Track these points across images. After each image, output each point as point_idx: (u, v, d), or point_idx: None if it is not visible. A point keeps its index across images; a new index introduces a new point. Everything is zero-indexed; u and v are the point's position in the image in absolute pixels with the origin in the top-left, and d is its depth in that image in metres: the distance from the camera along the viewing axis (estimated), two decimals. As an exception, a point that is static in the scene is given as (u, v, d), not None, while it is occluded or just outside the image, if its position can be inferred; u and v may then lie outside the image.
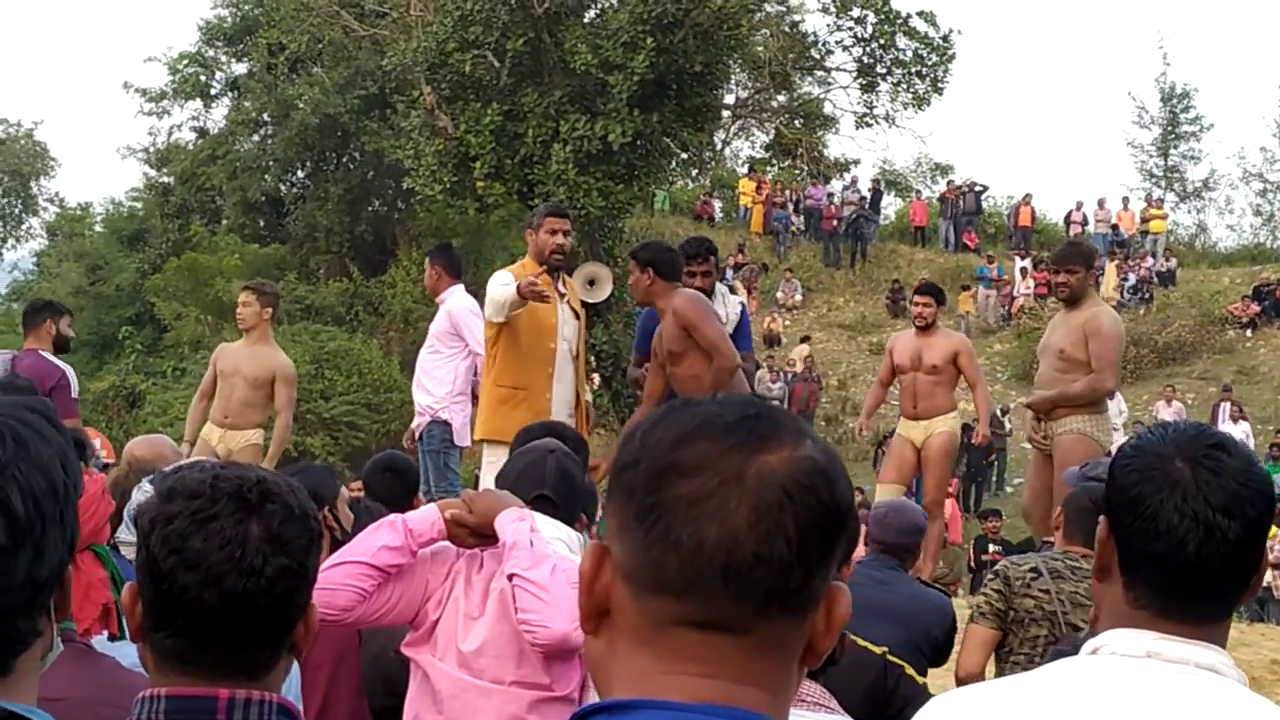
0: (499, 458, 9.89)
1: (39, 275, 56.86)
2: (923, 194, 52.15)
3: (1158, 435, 2.55)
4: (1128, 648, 2.44)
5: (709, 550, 1.65)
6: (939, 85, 34.03)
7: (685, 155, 36.22)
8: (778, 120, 40.24)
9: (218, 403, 12.84)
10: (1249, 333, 39.23)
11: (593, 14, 33.13)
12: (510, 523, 4.57)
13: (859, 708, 5.26)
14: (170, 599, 2.48)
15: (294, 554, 2.54)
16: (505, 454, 9.48)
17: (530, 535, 4.54)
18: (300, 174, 45.20)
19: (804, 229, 47.37)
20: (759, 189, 47.68)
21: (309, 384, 33.98)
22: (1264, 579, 2.55)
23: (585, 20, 32.66)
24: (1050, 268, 12.64)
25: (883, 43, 33.82)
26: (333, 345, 35.70)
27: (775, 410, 1.77)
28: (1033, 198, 47.11)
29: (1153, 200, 49.34)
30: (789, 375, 35.44)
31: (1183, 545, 2.42)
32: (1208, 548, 2.41)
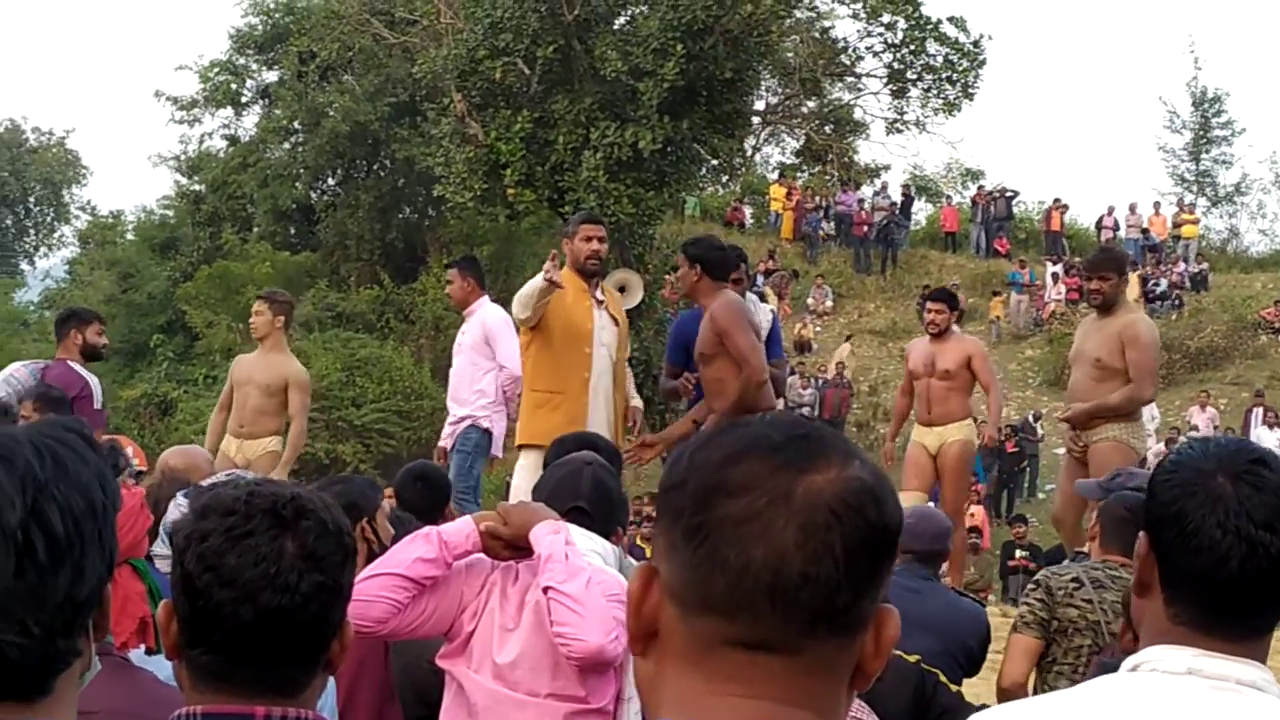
0: (533, 462, 9.97)
1: (71, 283, 57.02)
2: (953, 199, 52.08)
3: (1198, 450, 2.53)
4: (1169, 664, 2.43)
5: (755, 570, 1.65)
6: (970, 91, 33.96)
7: (715, 161, 36.14)
8: (808, 126, 40.22)
9: (234, 413, 12.89)
10: (1282, 337, 39.05)
11: (623, 21, 33.08)
12: (545, 535, 4.56)
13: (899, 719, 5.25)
14: (205, 616, 2.48)
15: (329, 570, 2.54)
16: (539, 458, 9.62)
17: (565, 548, 4.52)
18: (331, 181, 45.26)
19: (835, 235, 47.33)
20: (789, 195, 47.65)
21: (340, 391, 34.07)
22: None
23: (615, 27, 32.64)
24: (1083, 274, 12.60)
25: (913, 48, 33.76)
26: (364, 352, 35.75)
27: (823, 431, 1.76)
28: (1062, 202, 47.05)
29: (1184, 205, 49.15)
30: (820, 381, 35.38)
31: (1225, 561, 2.40)
32: (1250, 563, 2.39)
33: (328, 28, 38.57)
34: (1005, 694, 6.56)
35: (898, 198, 47.35)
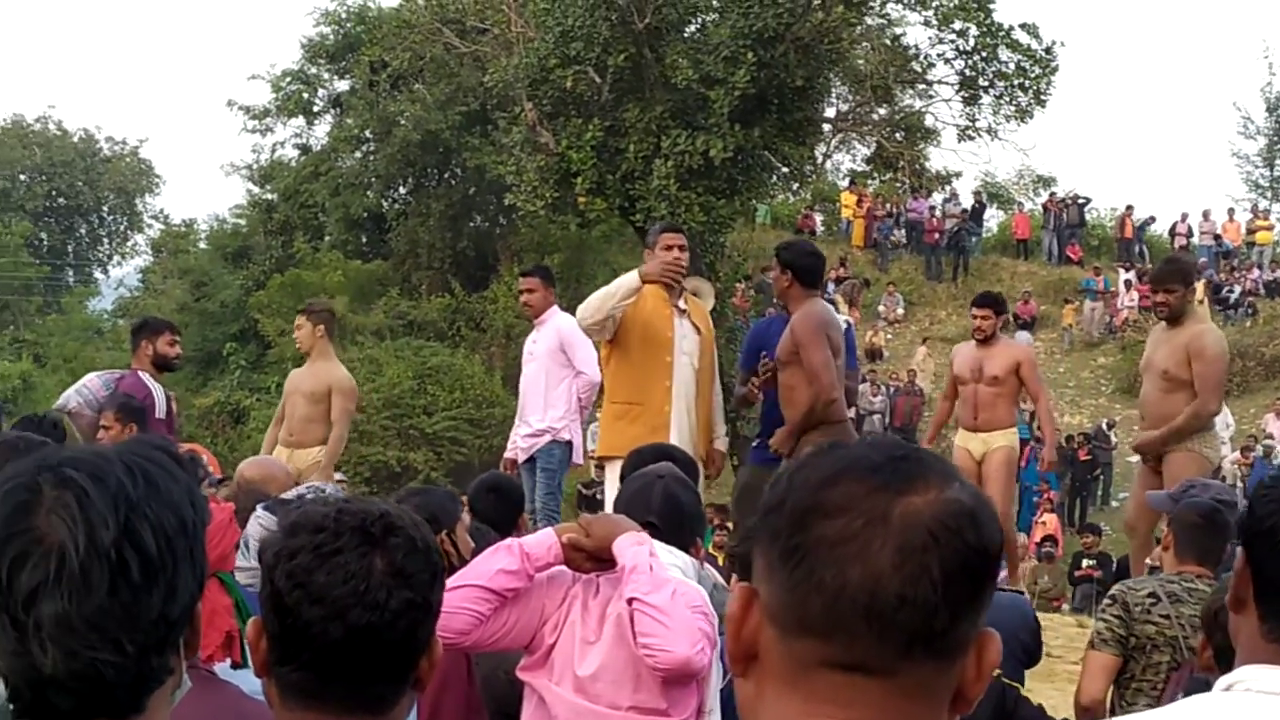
0: (617, 474, 9.94)
1: (144, 291, 57.53)
2: (1025, 206, 51.84)
3: (1299, 466, 2.49)
4: (1264, 684, 2.38)
5: (852, 591, 1.64)
6: (1042, 98, 33.70)
7: (786, 169, 35.95)
8: (879, 133, 40.00)
9: (285, 424, 13.11)
10: (1358, 344, 38.68)
11: (694, 29, 33.00)
12: (629, 546, 4.54)
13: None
14: (295, 633, 2.48)
15: (417, 587, 2.54)
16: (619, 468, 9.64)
17: (650, 559, 4.51)
18: (402, 190, 45.45)
19: (905, 242, 47.21)
20: (860, 202, 47.57)
21: (412, 399, 34.22)
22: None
23: (686, 35, 32.58)
24: (1150, 286, 12.51)
25: (985, 55, 33.53)
26: (435, 361, 35.89)
27: (922, 453, 1.75)
28: (1134, 210, 46.79)
29: (1259, 211, 48.72)
30: (891, 389, 35.25)
31: None
32: (1348, 582, 2.36)
33: (399, 37, 38.66)
34: (1085, 712, 6.52)
35: (969, 205, 47.13)
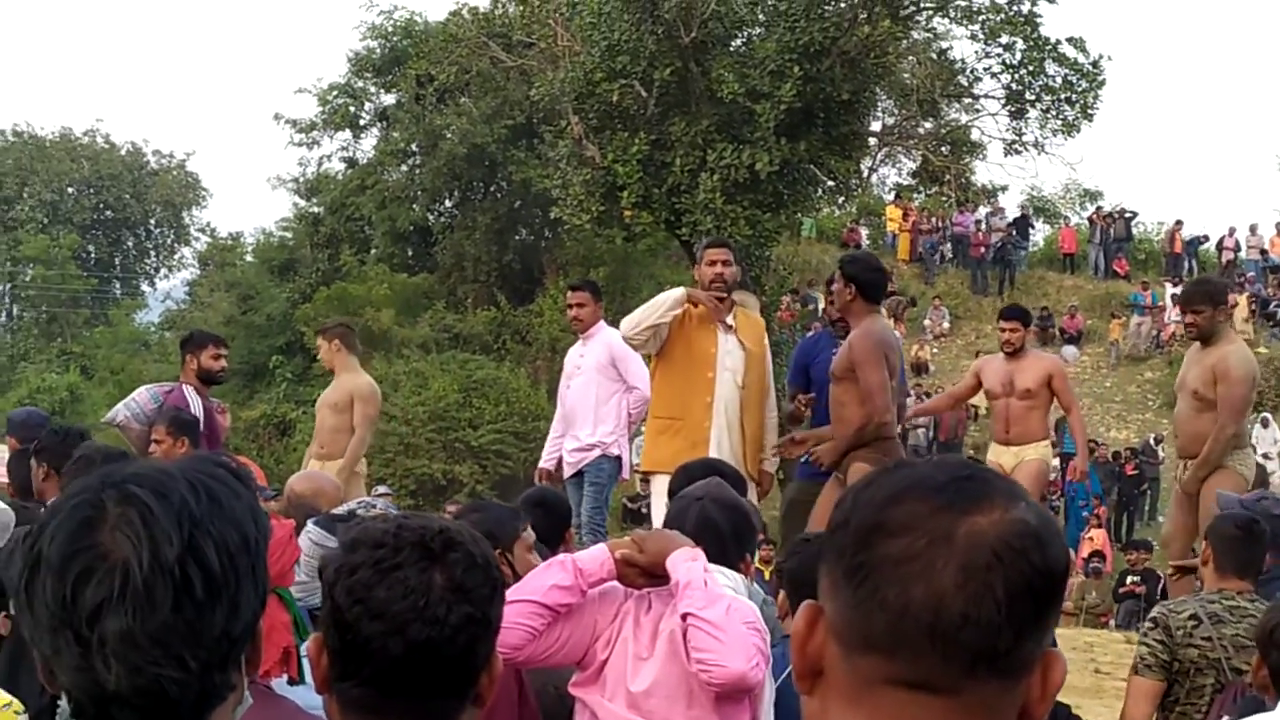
0: (661, 488, 9.98)
1: (191, 304, 57.82)
2: (1072, 220, 51.71)
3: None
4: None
5: (915, 610, 1.65)
6: (1089, 112, 33.62)
7: (832, 183, 35.93)
8: (925, 147, 39.97)
9: (315, 437, 13.42)
10: None
11: (740, 43, 33.01)
12: (683, 562, 4.53)
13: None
14: (355, 649, 2.49)
15: (477, 603, 2.54)
16: (663, 483, 9.68)
17: (704, 575, 4.50)
18: (448, 203, 45.61)
19: (952, 256, 47.13)
20: (905, 216, 47.52)
21: (457, 412, 34.30)
22: None
23: (732, 49, 32.58)
24: (1179, 307, 12.46)
25: (1032, 69, 33.46)
26: (480, 374, 35.97)
27: (987, 473, 1.75)
28: (1183, 225, 46.61)
29: (1308, 225, 48.51)
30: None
31: None
32: None
33: (445, 51, 38.81)
34: None
35: (1014, 218, 47.05)
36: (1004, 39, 33.50)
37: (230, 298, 49.57)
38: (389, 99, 47.15)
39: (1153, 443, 32.85)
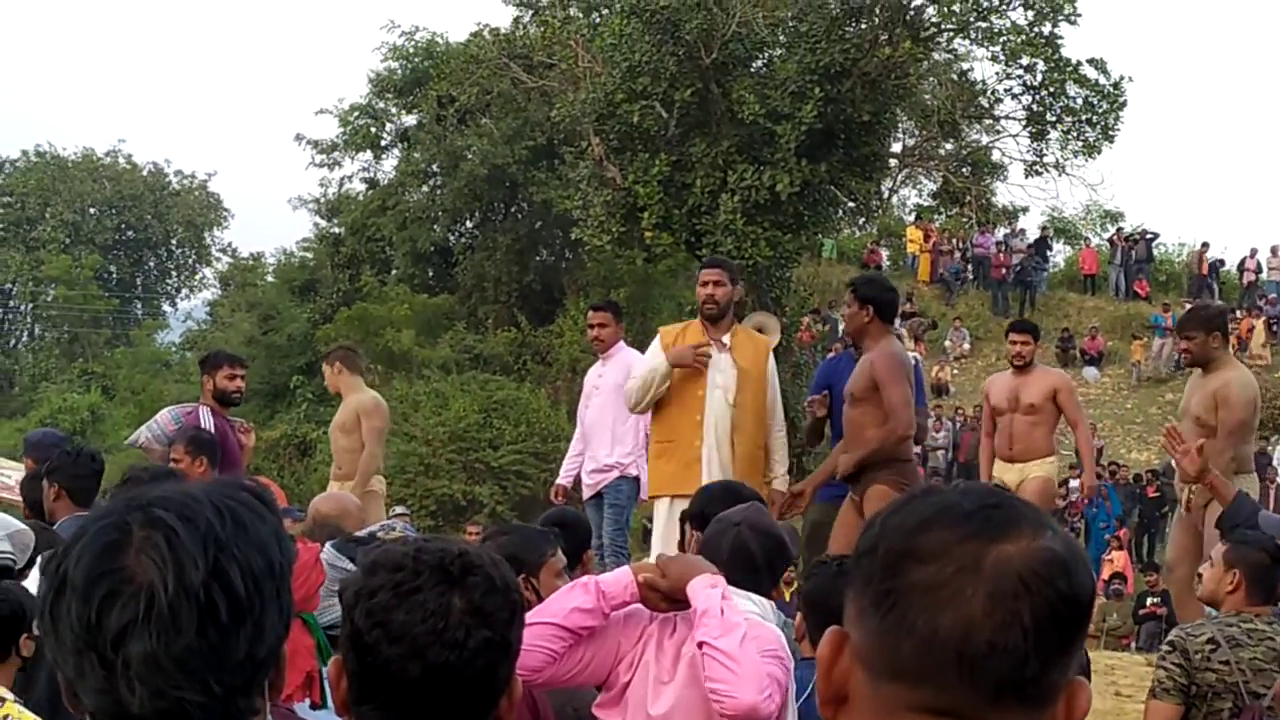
0: (663, 509, 10.09)
1: (212, 325, 57.86)
2: (1093, 241, 51.58)
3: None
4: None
5: (943, 638, 1.65)
6: (1110, 133, 33.56)
7: (852, 204, 35.89)
8: (945, 168, 39.87)
9: (334, 460, 13.62)
10: None
11: (760, 64, 33.00)
12: (702, 589, 4.53)
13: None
14: (374, 672, 2.49)
15: (496, 627, 2.55)
16: (665, 505, 10.09)
17: (721, 603, 4.49)
18: (469, 224, 45.62)
19: (972, 277, 47.06)
20: (926, 237, 47.46)
21: (477, 433, 34.28)
22: None
23: (753, 70, 32.57)
24: (1175, 332, 12.47)
25: (1053, 90, 33.40)
26: (501, 394, 35.94)
27: (1015, 500, 1.75)
28: (1209, 247, 46.50)
29: (1330, 246, 48.36)
30: (957, 424, 35.06)
31: None
32: None
33: (466, 72, 38.80)
34: None
35: (1034, 239, 46.96)
36: (1025, 60, 33.45)
37: (251, 318, 49.60)
38: (410, 120, 47.16)
39: (1174, 465, 32.70)
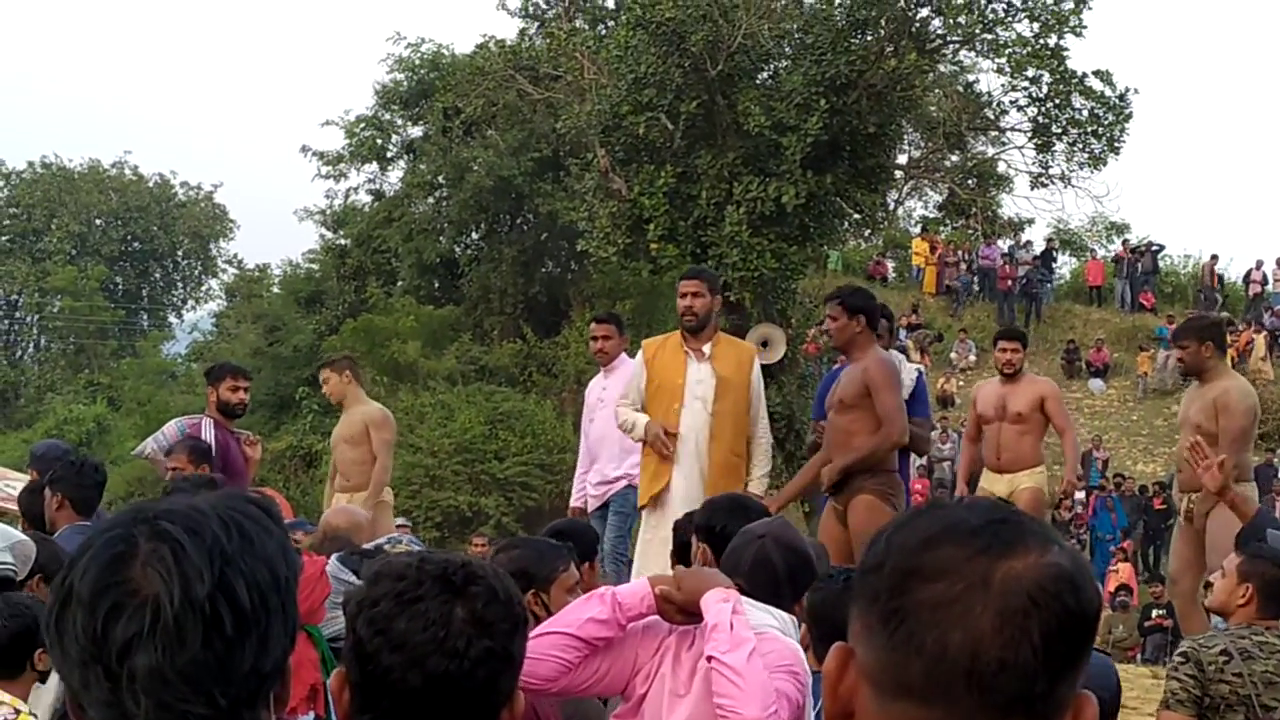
0: (648, 520, 10.23)
1: (218, 336, 57.87)
2: (1098, 253, 51.56)
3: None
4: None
5: (952, 655, 1.65)
6: (1115, 145, 33.51)
7: (858, 216, 35.87)
8: (951, 180, 39.88)
9: (340, 473, 13.40)
10: None
11: (766, 76, 32.97)
12: (714, 603, 4.53)
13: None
14: (375, 680, 2.50)
15: (498, 637, 2.55)
16: (648, 515, 10.23)
17: (731, 617, 4.49)
18: (475, 236, 45.58)
19: (978, 289, 47.04)
20: (932, 249, 47.44)
21: (483, 445, 34.24)
22: None
23: (758, 82, 32.54)
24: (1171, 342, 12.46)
25: (1058, 102, 33.35)
26: (506, 406, 35.93)
27: (1022, 516, 1.76)
28: (1218, 259, 46.52)
29: (1337, 257, 48.30)
30: (961, 436, 34.94)
31: None
32: None
33: (472, 84, 38.83)
34: None
35: (1040, 251, 46.94)
36: (1030, 72, 33.41)
37: (257, 329, 49.60)
38: (416, 131, 47.13)
39: (1176, 475, 32.68)
